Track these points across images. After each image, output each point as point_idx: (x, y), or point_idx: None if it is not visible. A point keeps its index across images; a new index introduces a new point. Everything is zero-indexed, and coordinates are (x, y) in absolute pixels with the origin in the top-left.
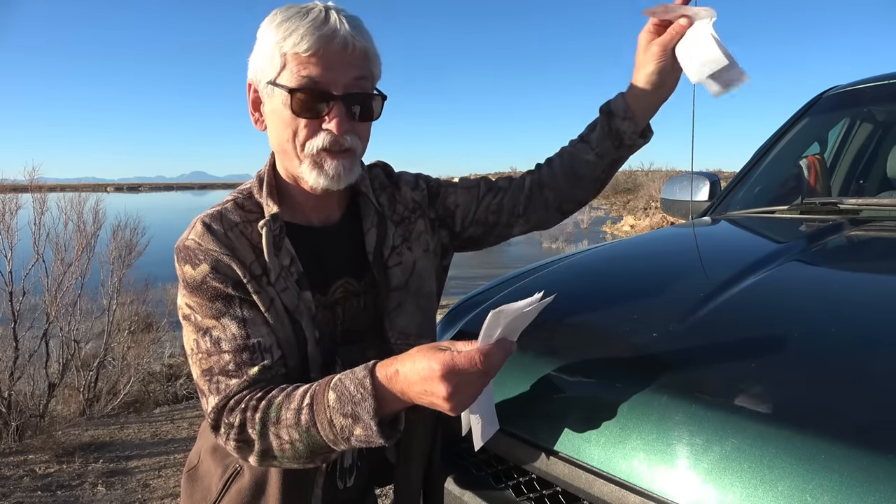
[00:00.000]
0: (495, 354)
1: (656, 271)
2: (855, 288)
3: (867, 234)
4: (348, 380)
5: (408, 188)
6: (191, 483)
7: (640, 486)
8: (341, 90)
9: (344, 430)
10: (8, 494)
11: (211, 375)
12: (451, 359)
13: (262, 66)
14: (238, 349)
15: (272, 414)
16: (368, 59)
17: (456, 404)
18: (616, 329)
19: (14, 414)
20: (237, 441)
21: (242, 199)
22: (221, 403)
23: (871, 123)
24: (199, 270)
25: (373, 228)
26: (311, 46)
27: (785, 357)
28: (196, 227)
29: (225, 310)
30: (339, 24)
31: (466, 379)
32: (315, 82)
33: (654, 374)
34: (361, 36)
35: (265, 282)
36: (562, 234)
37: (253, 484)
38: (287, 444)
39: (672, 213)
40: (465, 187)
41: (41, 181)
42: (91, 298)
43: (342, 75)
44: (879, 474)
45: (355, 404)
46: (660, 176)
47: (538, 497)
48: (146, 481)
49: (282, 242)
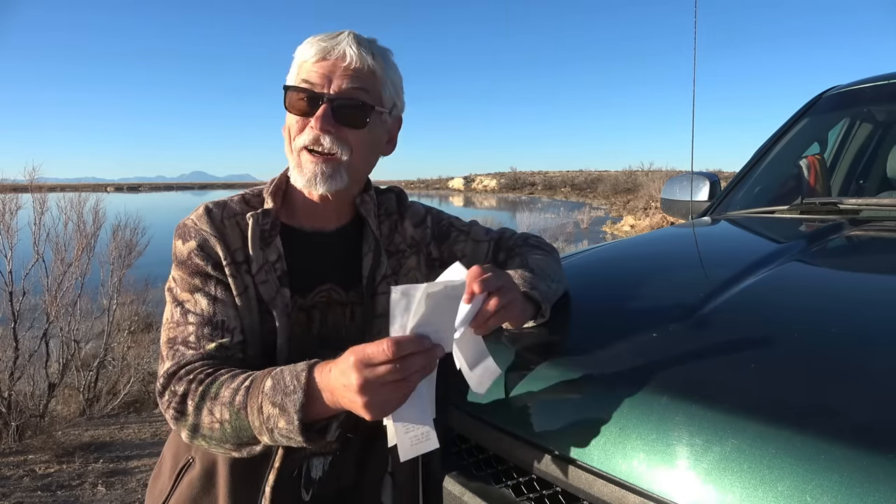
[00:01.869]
0: (408, 345)
1: (656, 271)
2: (855, 288)
3: (867, 234)
4: (287, 371)
5: (410, 224)
6: (153, 481)
7: (640, 487)
8: (332, 94)
9: (270, 419)
10: (8, 494)
11: (173, 344)
12: (362, 347)
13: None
14: (202, 323)
15: (213, 389)
16: (373, 75)
17: (368, 400)
18: (616, 329)
19: (14, 414)
20: (175, 410)
21: (251, 195)
22: (172, 369)
23: (871, 123)
24: (187, 246)
25: (370, 253)
26: (315, 54)
27: (785, 357)
28: (199, 209)
29: (200, 286)
30: (345, 41)
31: (378, 372)
32: (309, 83)
33: (654, 374)
34: (369, 56)
35: (244, 269)
36: (562, 234)
37: (203, 474)
38: (217, 423)
39: (672, 213)
40: (475, 240)
41: (41, 181)
42: (91, 298)
43: (335, 82)
44: (879, 474)
45: (286, 395)
46: (660, 176)
47: (538, 497)
48: (146, 481)
49: (272, 239)
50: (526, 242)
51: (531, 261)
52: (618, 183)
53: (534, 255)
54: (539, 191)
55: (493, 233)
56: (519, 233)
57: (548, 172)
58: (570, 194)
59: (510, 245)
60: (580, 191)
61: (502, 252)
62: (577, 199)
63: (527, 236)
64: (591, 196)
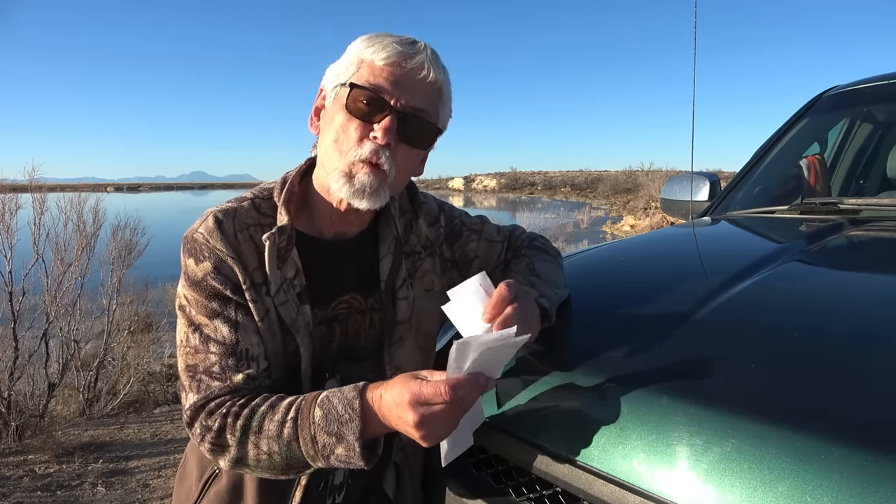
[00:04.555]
0: (464, 387)
1: (656, 272)
2: (855, 288)
3: (867, 234)
4: (336, 398)
5: (425, 223)
6: (179, 483)
7: (640, 487)
8: (399, 105)
9: (326, 447)
10: (8, 494)
11: (195, 372)
12: (418, 388)
13: (339, 72)
14: (225, 353)
15: (255, 423)
16: (440, 94)
17: (425, 434)
18: (616, 329)
19: (14, 414)
20: (213, 444)
21: (261, 200)
22: (200, 403)
23: (871, 123)
24: (201, 267)
25: (389, 255)
26: (389, 57)
27: (785, 357)
28: (207, 221)
29: (219, 311)
30: (423, 50)
31: (435, 410)
32: (378, 89)
33: (654, 374)
34: (441, 71)
35: (264, 291)
36: (562, 234)
37: (230, 487)
38: (265, 454)
39: (672, 213)
40: (489, 240)
41: (41, 181)
42: (91, 298)
43: (407, 94)
44: (879, 474)
45: (342, 424)
46: (660, 176)
47: (538, 497)
48: (146, 481)
49: (288, 254)
50: (532, 244)
51: (538, 266)
52: (618, 183)
53: (539, 258)
54: (539, 191)
55: (503, 230)
56: (527, 232)
57: (548, 172)
58: (570, 194)
59: (517, 245)
60: (580, 191)
61: (510, 252)
62: (577, 199)
63: (534, 237)
64: (591, 196)
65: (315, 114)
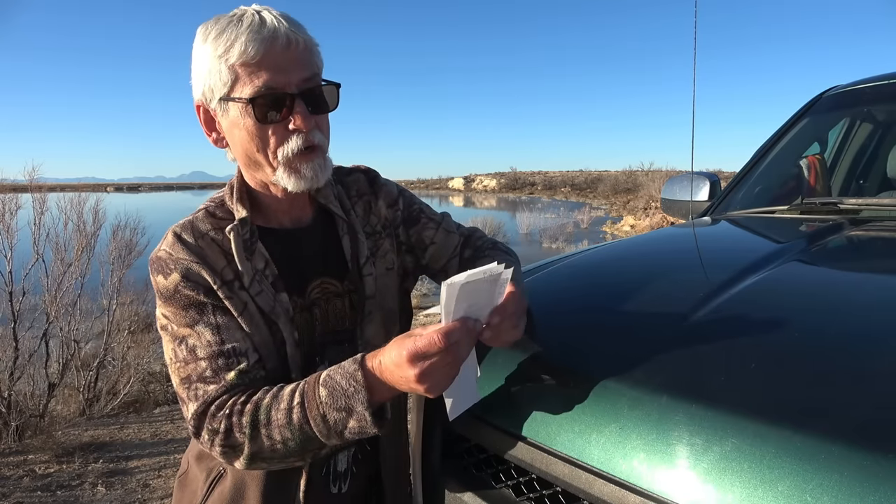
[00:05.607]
0: (456, 332)
1: (656, 271)
2: (855, 288)
3: (867, 234)
4: (338, 375)
5: (384, 203)
6: (180, 489)
7: (640, 486)
8: (296, 88)
9: (337, 423)
10: (8, 494)
11: (189, 383)
12: (413, 344)
13: (210, 84)
14: (213, 355)
15: (262, 416)
16: (311, 51)
17: (429, 385)
18: (616, 329)
19: (14, 414)
20: (223, 446)
21: (214, 207)
22: (201, 409)
23: (871, 123)
24: (170, 280)
25: (346, 235)
26: (258, 52)
27: (785, 357)
28: (167, 237)
29: (198, 317)
30: (277, 24)
31: (434, 360)
32: (271, 87)
33: (654, 374)
34: (300, 30)
35: (237, 286)
36: (562, 234)
37: (233, 487)
38: (279, 443)
39: (672, 213)
40: (447, 230)
41: (41, 181)
42: (91, 298)
43: (294, 74)
44: (879, 474)
45: (348, 397)
46: (660, 176)
47: (538, 497)
48: (146, 481)
49: (254, 246)
50: (495, 247)
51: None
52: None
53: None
54: (539, 191)
55: (463, 228)
56: (488, 236)
57: (548, 172)
58: (570, 194)
59: (479, 245)
60: (580, 191)
61: (469, 249)
62: (577, 199)
63: (495, 241)
64: (591, 196)
65: (209, 129)
